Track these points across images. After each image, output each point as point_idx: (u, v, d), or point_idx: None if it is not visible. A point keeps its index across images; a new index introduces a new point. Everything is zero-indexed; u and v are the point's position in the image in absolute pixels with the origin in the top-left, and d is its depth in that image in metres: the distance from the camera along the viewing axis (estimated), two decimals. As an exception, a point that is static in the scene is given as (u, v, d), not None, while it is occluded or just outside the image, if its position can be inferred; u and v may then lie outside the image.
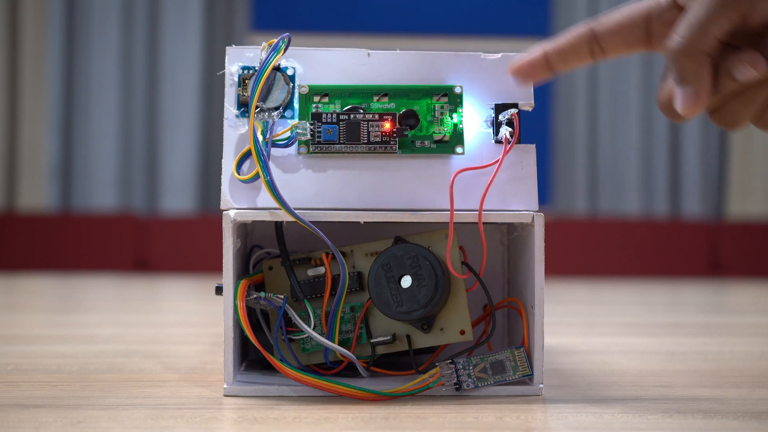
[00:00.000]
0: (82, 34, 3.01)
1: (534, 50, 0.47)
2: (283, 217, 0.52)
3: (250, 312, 0.56)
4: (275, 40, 0.53)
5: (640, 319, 1.19)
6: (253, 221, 0.55)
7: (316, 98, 0.54)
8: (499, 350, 0.53)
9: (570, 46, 0.47)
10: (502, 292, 0.63)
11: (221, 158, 0.54)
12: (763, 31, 0.43)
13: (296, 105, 0.54)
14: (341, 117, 0.53)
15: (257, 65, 0.54)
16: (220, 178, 0.56)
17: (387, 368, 0.56)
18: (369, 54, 0.56)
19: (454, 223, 0.52)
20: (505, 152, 0.53)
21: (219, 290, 0.53)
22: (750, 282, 2.47)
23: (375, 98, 0.55)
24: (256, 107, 0.53)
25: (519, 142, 0.54)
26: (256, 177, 0.52)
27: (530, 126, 0.58)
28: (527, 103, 0.55)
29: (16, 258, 2.70)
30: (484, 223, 0.53)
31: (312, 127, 0.53)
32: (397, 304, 0.53)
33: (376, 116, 0.54)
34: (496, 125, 0.54)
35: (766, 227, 2.88)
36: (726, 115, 0.45)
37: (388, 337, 0.54)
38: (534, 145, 0.55)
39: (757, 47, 0.43)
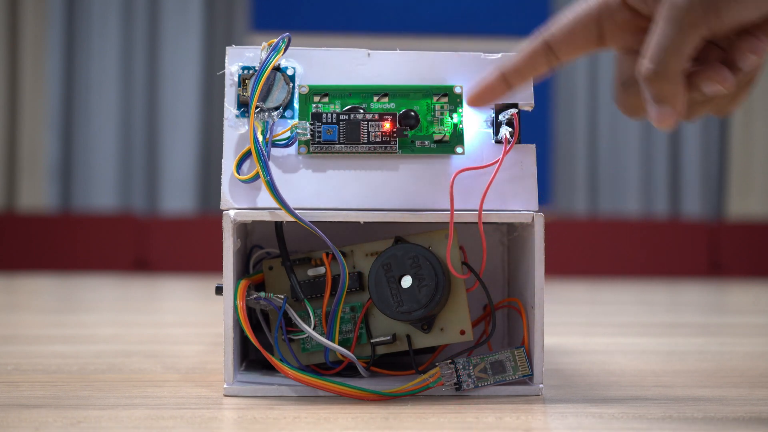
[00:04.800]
0: (82, 34, 3.01)
1: (490, 73, 0.47)
2: (283, 217, 0.52)
3: (250, 312, 0.56)
4: (275, 40, 0.53)
5: (640, 319, 1.19)
6: (253, 221, 0.55)
7: (316, 98, 0.54)
8: (499, 350, 0.53)
9: (527, 62, 0.46)
10: (502, 292, 0.63)
11: (221, 158, 0.54)
12: (728, 35, 0.43)
13: (296, 105, 0.54)
14: (341, 117, 0.53)
15: (257, 65, 0.54)
16: (220, 178, 0.56)
17: (387, 368, 0.56)
18: (369, 54, 0.56)
19: (454, 223, 0.52)
20: (505, 152, 0.53)
21: (219, 290, 0.53)
22: (750, 282, 2.47)
23: (375, 98, 0.55)
24: (256, 107, 0.53)
25: (519, 142, 0.54)
26: (256, 177, 0.52)
27: (530, 126, 0.58)
28: (527, 103, 0.55)
29: (16, 258, 2.70)
30: (484, 223, 0.53)
31: (312, 127, 0.53)
32: (397, 304, 0.53)
33: (376, 116, 0.54)
34: (496, 125, 0.54)
35: (766, 227, 2.88)
36: (689, 113, 0.45)
37: (388, 337, 0.54)
38: (534, 145, 0.55)
39: (723, 49, 0.43)
